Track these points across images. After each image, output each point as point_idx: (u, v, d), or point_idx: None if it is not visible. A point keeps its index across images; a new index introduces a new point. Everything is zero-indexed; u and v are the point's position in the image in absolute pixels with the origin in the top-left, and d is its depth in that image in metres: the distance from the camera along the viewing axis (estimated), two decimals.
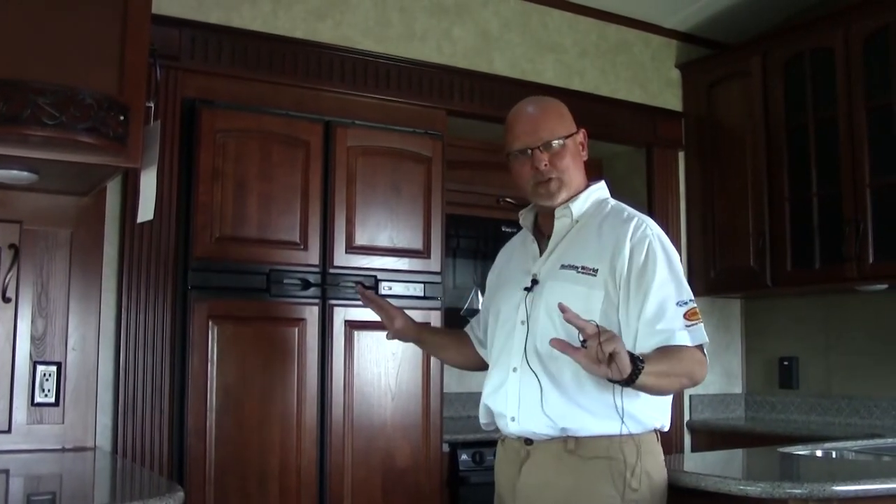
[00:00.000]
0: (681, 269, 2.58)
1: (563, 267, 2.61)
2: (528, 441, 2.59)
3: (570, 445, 2.51)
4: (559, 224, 2.69)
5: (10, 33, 2.73)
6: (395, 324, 3.11)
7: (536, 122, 2.68)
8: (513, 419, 2.60)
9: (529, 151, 2.65)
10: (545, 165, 2.63)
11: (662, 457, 2.62)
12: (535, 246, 2.74)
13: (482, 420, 2.79)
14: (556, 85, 4.94)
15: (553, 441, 2.53)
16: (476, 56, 4.77)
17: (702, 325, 2.51)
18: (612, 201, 2.75)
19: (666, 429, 2.63)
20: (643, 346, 2.45)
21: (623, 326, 2.51)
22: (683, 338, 2.46)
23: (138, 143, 2.95)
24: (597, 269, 2.55)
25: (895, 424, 4.66)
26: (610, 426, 2.49)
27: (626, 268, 2.53)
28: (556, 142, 2.65)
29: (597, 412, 2.49)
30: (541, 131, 2.66)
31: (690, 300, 2.53)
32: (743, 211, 5.21)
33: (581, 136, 2.73)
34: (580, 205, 2.69)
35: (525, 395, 2.57)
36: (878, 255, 4.53)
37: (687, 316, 2.49)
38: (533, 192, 2.69)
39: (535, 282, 2.65)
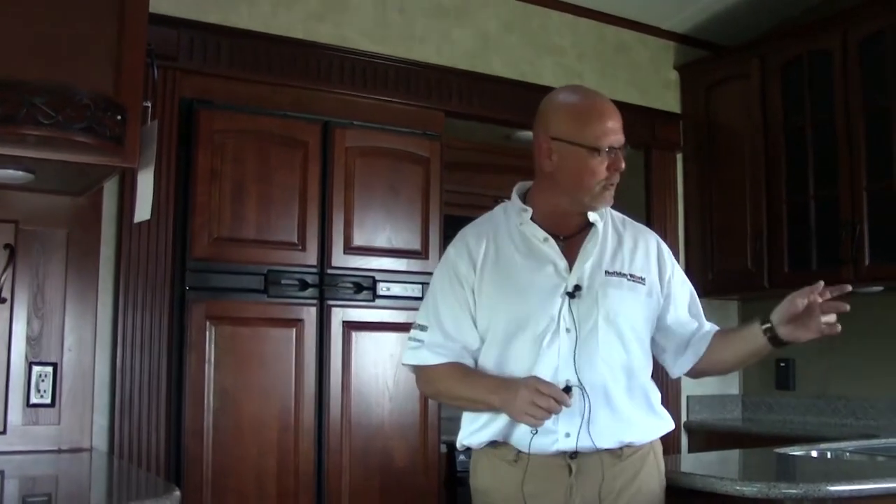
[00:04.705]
0: None
1: (608, 273, 2.51)
2: (574, 454, 2.43)
3: (625, 452, 2.47)
4: (599, 228, 2.55)
5: (6, 32, 2.73)
6: None
7: (621, 120, 2.52)
8: (567, 435, 2.42)
9: (614, 150, 2.47)
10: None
11: None
12: (555, 245, 2.52)
13: (496, 438, 2.51)
14: (555, 87, 4.91)
15: (615, 451, 2.46)
16: (475, 57, 4.77)
17: None
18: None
19: None
20: (704, 331, 2.67)
21: (674, 326, 2.64)
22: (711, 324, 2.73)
23: (135, 143, 2.95)
24: (644, 279, 2.57)
25: (890, 425, 4.66)
26: (660, 428, 2.59)
27: (668, 276, 2.64)
28: (625, 146, 2.51)
29: (647, 419, 2.54)
30: (622, 130, 2.51)
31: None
32: (740, 213, 5.21)
33: None
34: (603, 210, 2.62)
35: (584, 410, 2.41)
36: (875, 258, 4.54)
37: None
38: (597, 195, 2.49)
39: (577, 287, 2.47)
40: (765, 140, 5.10)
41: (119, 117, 2.85)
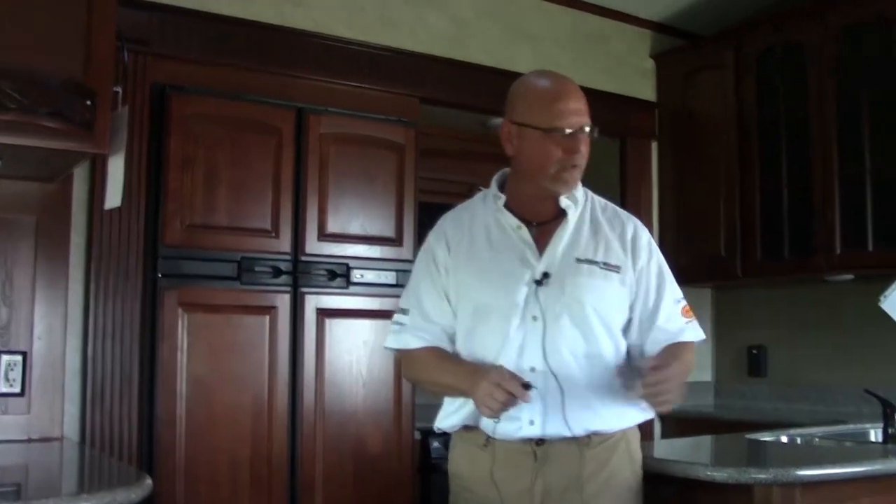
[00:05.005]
0: None
1: (579, 261, 2.49)
2: (540, 441, 2.44)
3: (593, 440, 2.45)
4: (570, 214, 2.52)
5: None
6: None
7: (584, 101, 2.48)
8: (531, 423, 2.42)
9: (575, 133, 2.43)
10: (583, 150, 2.46)
11: None
12: (526, 233, 2.52)
13: (467, 422, 2.54)
14: None
15: (582, 438, 2.44)
16: (450, 44, 4.76)
17: (696, 320, 2.64)
18: (589, 191, 2.65)
19: None
20: (655, 342, 2.54)
21: (636, 320, 2.57)
22: (687, 335, 2.59)
23: (105, 128, 2.92)
24: (619, 267, 2.51)
25: (858, 412, 4.69)
26: (632, 417, 2.54)
27: (644, 267, 2.56)
28: (593, 128, 2.47)
29: (618, 408, 2.50)
30: (587, 113, 2.47)
31: (683, 298, 2.63)
32: (714, 201, 5.24)
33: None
34: (580, 194, 2.57)
35: (548, 398, 2.41)
36: (846, 246, 4.59)
37: (684, 313, 2.61)
38: (555, 177, 2.46)
39: (545, 275, 2.47)
40: (739, 129, 5.13)
41: (89, 102, 2.83)
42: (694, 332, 2.61)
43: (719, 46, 5.28)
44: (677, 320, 2.58)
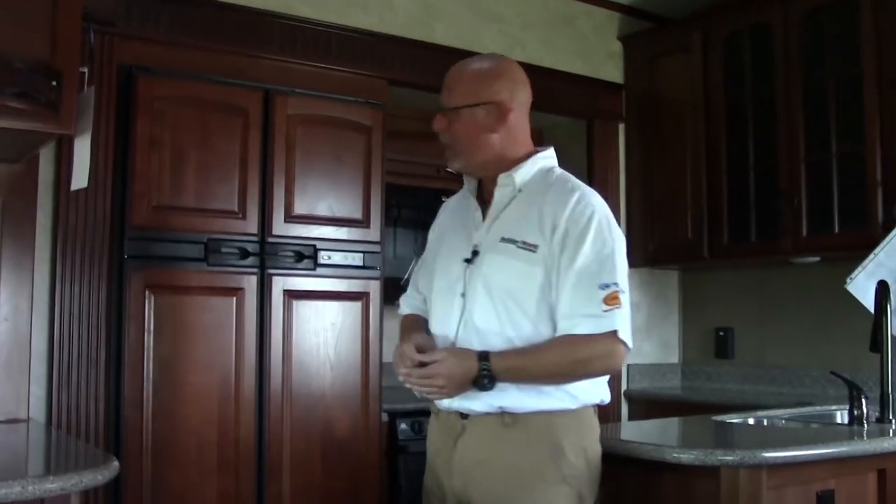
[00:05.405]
0: (617, 250, 2.47)
1: (503, 240, 2.51)
2: (464, 415, 2.51)
3: (506, 420, 2.45)
4: (500, 193, 2.57)
5: None
6: None
7: (451, 83, 2.62)
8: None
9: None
10: (440, 128, 2.61)
11: (598, 432, 2.58)
12: (479, 213, 2.62)
13: None
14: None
15: (489, 416, 2.47)
16: (417, 25, 4.75)
17: (622, 311, 2.42)
18: (559, 171, 2.64)
19: (605, 402, 2.60)
20: (560, 331, 2.44)
21: (553, 303, 2.47)
22: (588, 325, 2.40)
23: (71, 109, 2.90)
24: (537, 246, 2.46)
25: (824, 393, 4.75)
26: (545, 402, 2.45)
27: (560, 245, 2.45)
28: (454, 109, 2.57)
29: (531, 389, 2.45)
30: (452, 93, 2.60)
31: (615, 284, 2.42)
32: (682, 184, 5.26)
33: (490, 109, 2.55)
34: (524, 173, 2.57)
35: None
36: (812, 229, 4.62)
37: (606, 300, 2.40)
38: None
39: (475, 253, 2.55)
40: (706, 112, 5.16)
41: (55, 83, 2.80)
42: (599, 322, 2.40)
43: (687, 29, 5.29)
44: (586, 307, 2.41)
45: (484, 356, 2.40)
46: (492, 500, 2.46)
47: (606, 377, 2.57)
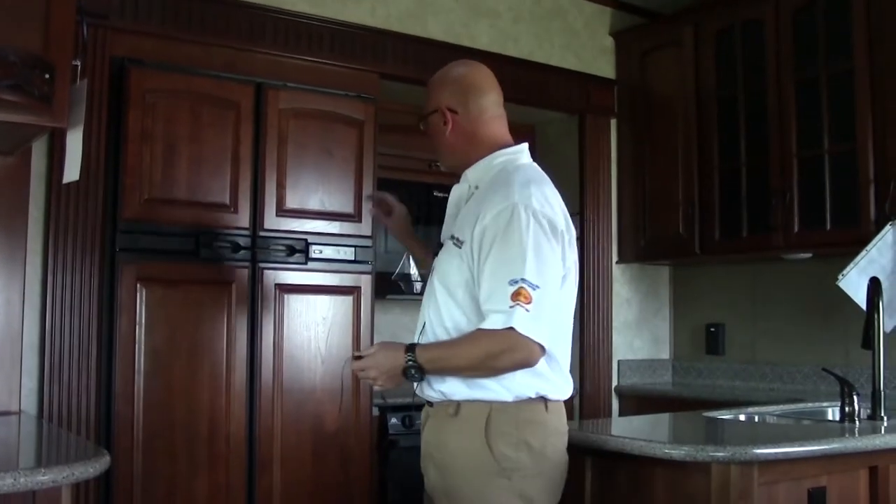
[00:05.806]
0: (532, 246, 2.43)
1: (451, 237, 2.63)
2: (431, 403, 2.64)
3: (450, 409, 2.54)
4: (457, 191, 2.76)
5: None
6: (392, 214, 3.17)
7: (432, 88, 2.79)
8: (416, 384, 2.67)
9: None
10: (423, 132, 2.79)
11: (554, 426, 2.57)
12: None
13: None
14: (491, 50, 4.93)
15: (441, 405, 2.58)
16: (410, 19, 4.74)
17: (526, 308, 2.38)
18: (525, 167, 2.65)
19: (560, 398, 2.59)
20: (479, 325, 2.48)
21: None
22: (492, 320, 2.42)
23: (64, 102, 2.88)
24: (464, 242, 2.55)
25: (815, 389, 4.77)
26: (479, 392, 2.50)
27: (479, 240, 2.49)
28: (422, 117, 2.77)
29: (466, 379, 2.52)
30: (427, 99, 2.78)
31: (523, 279, 2.39)
32: (673, 179, 5.27)
33: (438, 116, 2.71)
34: (475, 173, 2.69)
35: None
36: (804, 225, 4.63)
37: (513, 296, 2.39)
38: None
39: (440, 246, 2.72)
40: (697, 107, 5.16)
41: (47, 76, 2.79)
42: (503, 317, 2.39)
43: (678, 24, 5.30)
44: (496, 302, 2.42)
45: (410, 348, 2.53)
46: (436, 486, 2.59)
47: (561, 368, 2.58)
